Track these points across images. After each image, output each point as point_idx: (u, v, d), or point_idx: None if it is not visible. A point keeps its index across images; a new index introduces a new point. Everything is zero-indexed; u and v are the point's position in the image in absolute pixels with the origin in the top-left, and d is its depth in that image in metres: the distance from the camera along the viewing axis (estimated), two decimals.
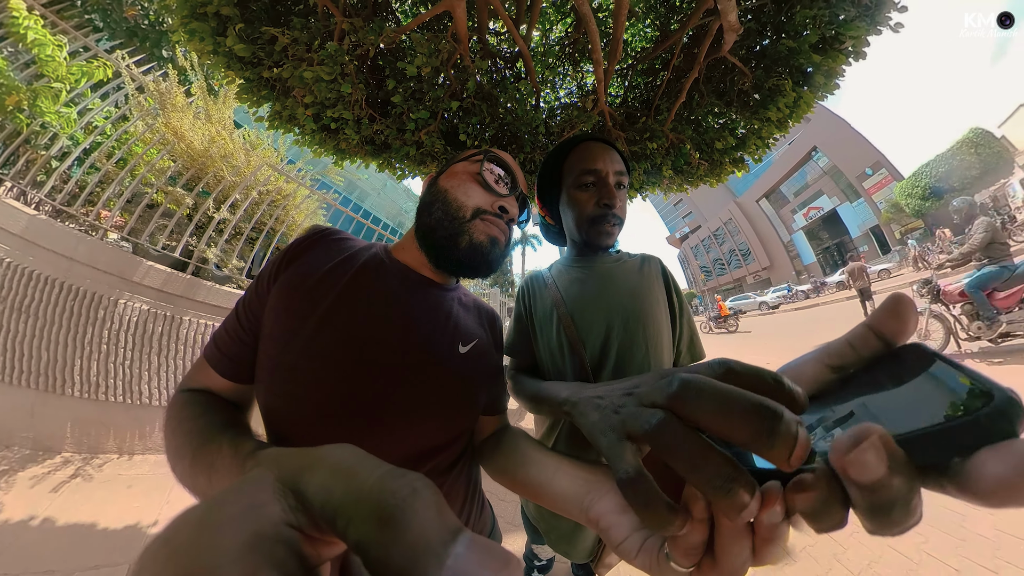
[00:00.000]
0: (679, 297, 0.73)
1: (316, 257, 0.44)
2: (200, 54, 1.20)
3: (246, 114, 1.57)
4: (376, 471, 0.14)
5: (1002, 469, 0.11)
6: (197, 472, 0.30)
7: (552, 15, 1.61)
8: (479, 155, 0.48)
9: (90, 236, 2.00)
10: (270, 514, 0.12)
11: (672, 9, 1.48)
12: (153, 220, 2.23)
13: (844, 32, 1.23)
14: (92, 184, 2.15)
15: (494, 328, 0.56)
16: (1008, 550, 1.27)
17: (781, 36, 1.33)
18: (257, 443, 0.29)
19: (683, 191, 1.86)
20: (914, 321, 0.16)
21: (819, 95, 1.43)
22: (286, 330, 0.39)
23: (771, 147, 1.64)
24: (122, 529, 1.41)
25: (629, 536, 0.22)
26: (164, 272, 2.11)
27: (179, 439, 0.34)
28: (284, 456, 0.16)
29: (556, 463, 0.34)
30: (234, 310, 0.44)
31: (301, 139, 1.60)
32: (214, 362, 0.42)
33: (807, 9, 1.21)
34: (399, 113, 1.39)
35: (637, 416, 0.21)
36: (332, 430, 0.37)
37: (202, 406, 0.37)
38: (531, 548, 1.08)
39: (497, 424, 0.52)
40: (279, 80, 1.25)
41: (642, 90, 1.71)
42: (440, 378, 0.42)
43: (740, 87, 1.47)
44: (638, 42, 1.65)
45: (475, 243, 0.43)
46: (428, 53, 1.14)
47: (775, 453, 0.14)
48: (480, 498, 0.52)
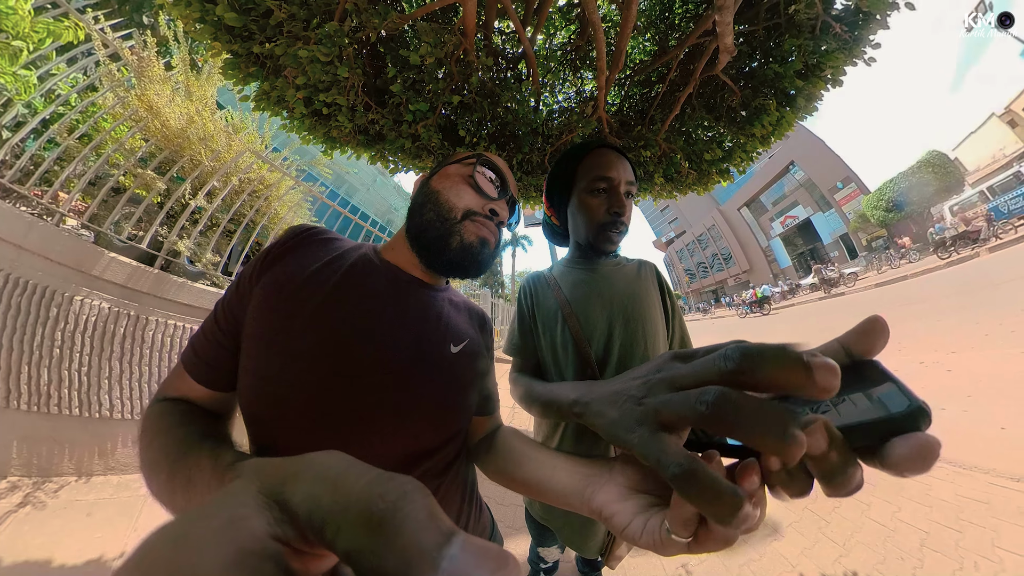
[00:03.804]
0: (672, 299, 0.78)
1: (302, 257, 0.43)
2: (185, 21, 1.13)
3: (230, 94, 1.49)
4: (364, 476, 0.13)
5: (904, 451, 0.16)
6: (174, 488, 0.28)
7: (558, 20, 1.64)
8: (472, 158, 0.48)
9: (44, 221, 1.75)
10: (253, 528, 0.12)
11: (671, 26, 1.55)
12: (119, 206, 2.01)
13: (825, 61, 1.33)
14: (49, 161, 1.90)
15: (484, 329, 0.56)
16: (969, 512, 1.45)
17: (769, 60, 1.41)
18: (238, 454, 0.28)
19: (672, 198, 1.93)
20: (884, 342, 0.19)
21: (800, 116, 1.54)
22: (271, 333, 0.37)
23: (754, 160, 1.73)
24: (82, 565, 1.23)
25: (632, 520, 0.24)
26: (129, 265, 1.89)
27: (154, 453, 0.32)
28: (266, 466, 0.16)
29: (553, 459, 0.35)
30: (213, 312, 0.42)
31: (289, 124, 1.53)
32: (192, 368, 0.40)
33: (794, 39, 1.31)
34: (397, 103, 1.36)
35: (679, 400, 0.20)
36: (321, 435, 0.36)
37: (179, 416, 0.35)
38: (536, 551, 1.06)
39: (490, 424, 0.53)
40: (270, 57, 1.19)
41: (637, 100, 1.76)
42: (432, 379, 0.42)
43: (729, 104, 1.55)
44: (637, 54, 1.71)
45: (465, 244, 0.43)
46: (433, 43, 1.12)
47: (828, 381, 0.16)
48: (478, 500, 0.51)
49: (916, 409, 0.16)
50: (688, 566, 1.36)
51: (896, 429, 0.17)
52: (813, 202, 29.23)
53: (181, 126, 2.52)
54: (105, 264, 1.82)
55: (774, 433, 0.16)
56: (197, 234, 2.42)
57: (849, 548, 1.36)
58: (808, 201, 29.58)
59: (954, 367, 3.22)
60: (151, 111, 2.38)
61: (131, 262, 1.92)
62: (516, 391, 0.65)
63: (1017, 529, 1.31)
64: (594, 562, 1.04)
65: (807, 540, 1.41)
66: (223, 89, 4.13)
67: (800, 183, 29.67)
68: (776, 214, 32.66)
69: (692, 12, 1.52)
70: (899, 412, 0.17)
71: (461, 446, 0.47)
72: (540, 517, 0.80)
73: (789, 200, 31.12)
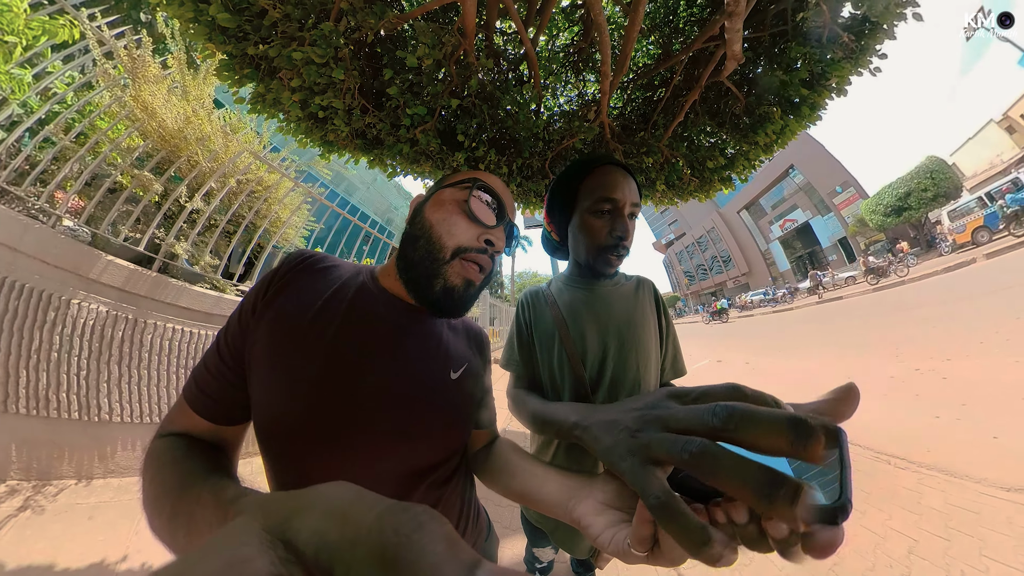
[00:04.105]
0: (667, 319, 0.79)
1: (305, 288, 0.44)
2: (180, 21, 1.10)
3: (228, 94, 1.47)
4: (375, 508, 0.13)
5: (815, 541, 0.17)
6: (176, 526, 0.28)
7: (561, 22, 1.61)
8: (468, 182, 0.47)
9: (40, 222, 1.72)
10: (256, 570, 0.11)
11: (676, 30, 1.53)
12: (116, 206, 1.98)
13: (830, 71, 1.31)
14: (45, 161, 1.88)
15: (482, 349, 0.58)
16: (958, 521, 1.47)
17: (775, 68, 1.39)
18: (241, 489, 0.27)
19: (673, 204, 1.90)
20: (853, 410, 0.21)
21: (803, 124, 1.51)
22: (285, 366, 0.39)
23: (756, 168, 1.71)
24: (86, 568, 1.22)
25: (603, 532, 0.28)
26: (126, 268, 1.87)
27: (156, 489, 0.31)
28: (270, 501, 0.15)
29: (543, 473, 0.39)
30: (215, 344, 0.42)
31: (285, 126, 1.50)
32: (194, 403, 0.40)
33: (800, 47, 1.29)
34: (394, 107, 1.33)
35: (667, 442, 0.22)
36: (337, 457, 0.38)
37: (182, 451, 0.35)
38: (532, 551, 1.09)
39: (488, 437, 0.56)
40: (265, 59, 1.16)
41: (640, 105, 1.74)
42: (435, 405, 0.44)
43: (733, 111, 1.53)
44: (641, 58, 1.69)
45: (448, 287, 0.43)
46: (431, 44, 1.09)
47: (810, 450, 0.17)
48: (476, 506, 0.54)
49: (839, 507, 0.18)
50: (680, 568, 1.35)
51: (819, 517, 0.18)
52: (812, 206, 29.40)
53: (178, 126, 2.49)
54: (103, 267, 1.80)
55: (760, 492, 0.17)
56: (195, 236, 2.39)
57: (839, 554, 1.36)
58: (807, 205, 29.76)
59: (949, 375, 3.22)
60: (148, 111, 2.35)
61: (129, 265, 1.90)
62: (514, 406, 0.67)
63: (1005, 539, 1.31)
64: (587, 562, 1.07)
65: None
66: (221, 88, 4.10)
67: (799, 187, 29.84)
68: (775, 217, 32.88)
69: (697, 16, 1.50)
70: (827, 504, 0.18)
71: (462, 458, 0.50)
72: (534, 520, 0.83)
73: (788, 203, 31.30)
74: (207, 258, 2.44)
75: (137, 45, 2.40)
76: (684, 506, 0.20)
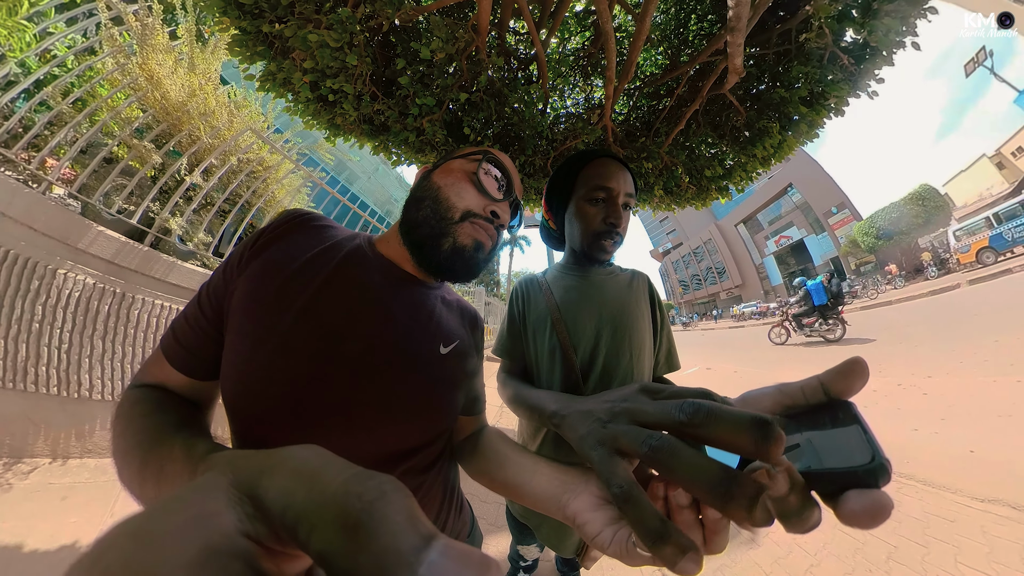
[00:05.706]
0: (662, 313, 0.79)
1: (294, 244, 0.41)
2: None
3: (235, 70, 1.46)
4: (342, 473, 0.13)
5: (857, 507, 0.16)
6: (145, 478, 0.27)
7: (573, 26, 1.64)
8: (478, 154, 0.46)
9: (30, 188, 1.66)
10: (222, 524, 0.11)
11: (684, 42, 1.56)
12: (110, 177, 1.92)
13: (830, 91, 1.36)
14: (40, 124, 1.81)
15: (475, 329, 0.55)
16: (935, 529, 1.53)
17: (776, 85, 1.44)
18: (212, 445, 0.26)
19: (670, 210, 1.94)
20: (862, 384, 0.20)
21: (801, 141, 1.56)
22: (258, 323, 0.36)
23: (753, 180, 1.76)
24: (56, 550, 1.17)
25: (602, 530, 0.25)
26: (117, 240, 1.80)
27: (127, 441, 0.30)
28: (240, 458, 0.15)
29: (533, 464, 0.36)
30: (196, 297, 0.40)
31: (293, 107, 1.50)
32: (172, 355, 0.38)
33: (802, 65, 1.33)
34: (404, 96, 1.35)
35: (632, 434, 0.23)
36: (303, 429, 0.35)
37: (155, 404, 0.34)
38: (516, 549, 1.07)
39: (475, 424, 0.53)
40: (279, 37, 1.17)
41: (644, 112, 1.77)
42: (419, 378, 0.41)
43: (733, 123, 1.57)
44: (648, 67, 1.72)
45: (458, 246, 0.41)
46: (445, 38, 1.11)
47: (770, 450, 0.17)
48: (459, 499, 0.51)
49: (877, 466, 0.17)
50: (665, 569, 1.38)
51: (855, 482, 0.17)
52: (807, 224, 30.08)
53: (182, 99, 2.46)
54: (92, 237, 1.74)
55: (714, 491, 0.18)
56: (190, 212, 2.36)
57: (820, 559, 1.41)
58: (803, 223, 30.44)
59: (930, 391, 3.34)
60: (151, 81, 2.31)
61: (119, 237, 1.84)
62: (504, 392, 0.66)
63: (979, 546, 1.37)
64: (573, 561, 1.05)
65: (781, 550, 1.46)
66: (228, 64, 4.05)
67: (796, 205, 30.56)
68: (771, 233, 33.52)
69: (706, 31, 1.54)
70: (860, 466, 0.17)
71: (445, 445, 0.46)
72: (520, 516, 0.81)
73: (785, 220, 31.98)
74: (200, 235, 2.41)
75: (148, 12, 2.36)
76: (645, 498, 0.21)
